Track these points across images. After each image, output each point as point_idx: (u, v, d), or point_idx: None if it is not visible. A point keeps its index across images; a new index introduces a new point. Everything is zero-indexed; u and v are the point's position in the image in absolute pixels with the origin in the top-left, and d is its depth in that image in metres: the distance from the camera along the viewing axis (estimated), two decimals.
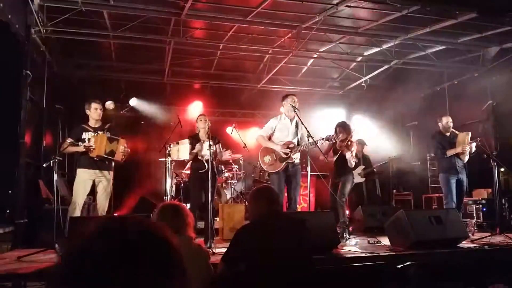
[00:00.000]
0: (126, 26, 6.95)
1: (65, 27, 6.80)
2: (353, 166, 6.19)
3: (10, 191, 5.93)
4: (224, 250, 3.12)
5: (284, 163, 5.54)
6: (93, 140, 5.29)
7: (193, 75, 9.99)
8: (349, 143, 6.07)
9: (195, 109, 9.67)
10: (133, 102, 9.64)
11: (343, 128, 6.19)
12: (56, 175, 4.92)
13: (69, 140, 5.39)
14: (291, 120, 5.73)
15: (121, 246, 0.71)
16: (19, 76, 5.82)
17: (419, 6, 6.27)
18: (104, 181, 5.43)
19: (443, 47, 8.24)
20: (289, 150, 5.53)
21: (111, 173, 5.53)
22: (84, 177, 5.32)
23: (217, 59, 9.13)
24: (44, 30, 6.59)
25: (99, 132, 5.41)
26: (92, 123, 5.53)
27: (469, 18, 6.73)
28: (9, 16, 5.48)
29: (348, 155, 6.00)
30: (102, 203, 5.41)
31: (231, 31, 7.54)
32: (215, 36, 7.83)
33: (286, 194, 5.72)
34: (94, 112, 5.48)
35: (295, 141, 5.69)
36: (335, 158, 6.16)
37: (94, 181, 5.39)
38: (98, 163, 5.37)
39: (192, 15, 6.85)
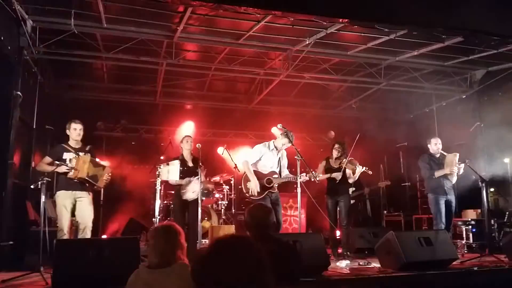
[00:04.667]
0: (118, 48, 7.01)
1: (58, 49, 6.83)
2: (350, 183, 6.44)
3: None
4: None
5: (266, 191, 5.63)
6: (74, 162, 5.15)
7: (185, 96, 10.06)
8: (343, 160, 6.30)
9: (186, 129, 9.69)
10: (124, 123, 9.64)
11: (342, 147, 6.48)
12: (44, 196, 4.85)
13: (48, 159, 5.24)
14: (278, 151, 5.82)
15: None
16: (9, 97, 5.83)
17: (406, 30, 6.42)
18: (85, 201, 5.27)
19: (431, 69, 8.42)
20: (259, 191, 5.56)
21: (91, 194, 5.41)
22: (64, 201, 5.17)
23: (209, 80, 9.22)
24: (36, 52, 6.63)
25: (80, 153, 5.28)
26: (72, 143, 5.39)
27: (455, 42, 6.90)
28: (1, 38, 5.52)
29: (335, 175, 6.26)
30: (87, 223, 5.20)
31: (223, 53, 7.65)
32: (207, 58, 7.92)
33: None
34: (73, 132, 5.36)
35: (277, 170, 5.81)
36: (325, 177, 6.34)
37: (75, 202, 5.23)
38: (78, 185, 5.22)
39: (184, 37, 6.94)
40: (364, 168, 6.13)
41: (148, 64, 7.82)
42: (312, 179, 5.60)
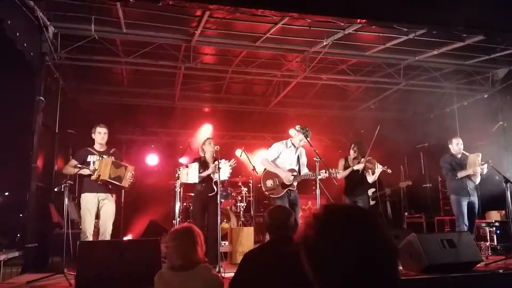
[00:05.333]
0: (138, 53, 7.10)
1: (79, 54, 6.96)
2: (370, 182, 6.32)
3: (21, 215, 5.99)
4: (233, 274, 3.10)
5: (286, 189, 5.61)
6: (97, 164, 5.29)
7: (203, 99, 10.12)
8: (361, 160, 6.19)
9: (204, 132, 9.76)
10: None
11: (358, 147, 6.38)
12: (67, 199, 4.95)
13: (74, 162, 5.41)
14: (296, 149, 5.82)
15: None
16: (32, 102, 5.97)
17: (425, 30, 6.33)
18: (108, 203, 5.38)
19: (451, 69, 8.27)
20: (293, 177, 5.58)
21: (114, 196, 5.53)
22: (88, 204, 5.30)
23: (226, 83, 9.26)
24: (58, 57, 6.77)
25: (104, 156, 5.42)
26: (97, 147, 5.56)
27: (476, 41, 6.77)
28: (24, 45, 5.66)
29: (357, 166, 6.14)
30: (107, 225, 5.33)
31: (240, 56, 7.68)
32: (224, 61, 7.96)
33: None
34: (98, 136, 5.53)
35: (296, 168, 5.79)
36: (344, 175, 6.24)
37: (98, 205, 5.36)
38: (102, 187, 5.35)
39: (202, 41, 7.00)
40: (384, 167, 6.04)
41: (166, 68, 7.91)
42: (333, 175, 5.52)
